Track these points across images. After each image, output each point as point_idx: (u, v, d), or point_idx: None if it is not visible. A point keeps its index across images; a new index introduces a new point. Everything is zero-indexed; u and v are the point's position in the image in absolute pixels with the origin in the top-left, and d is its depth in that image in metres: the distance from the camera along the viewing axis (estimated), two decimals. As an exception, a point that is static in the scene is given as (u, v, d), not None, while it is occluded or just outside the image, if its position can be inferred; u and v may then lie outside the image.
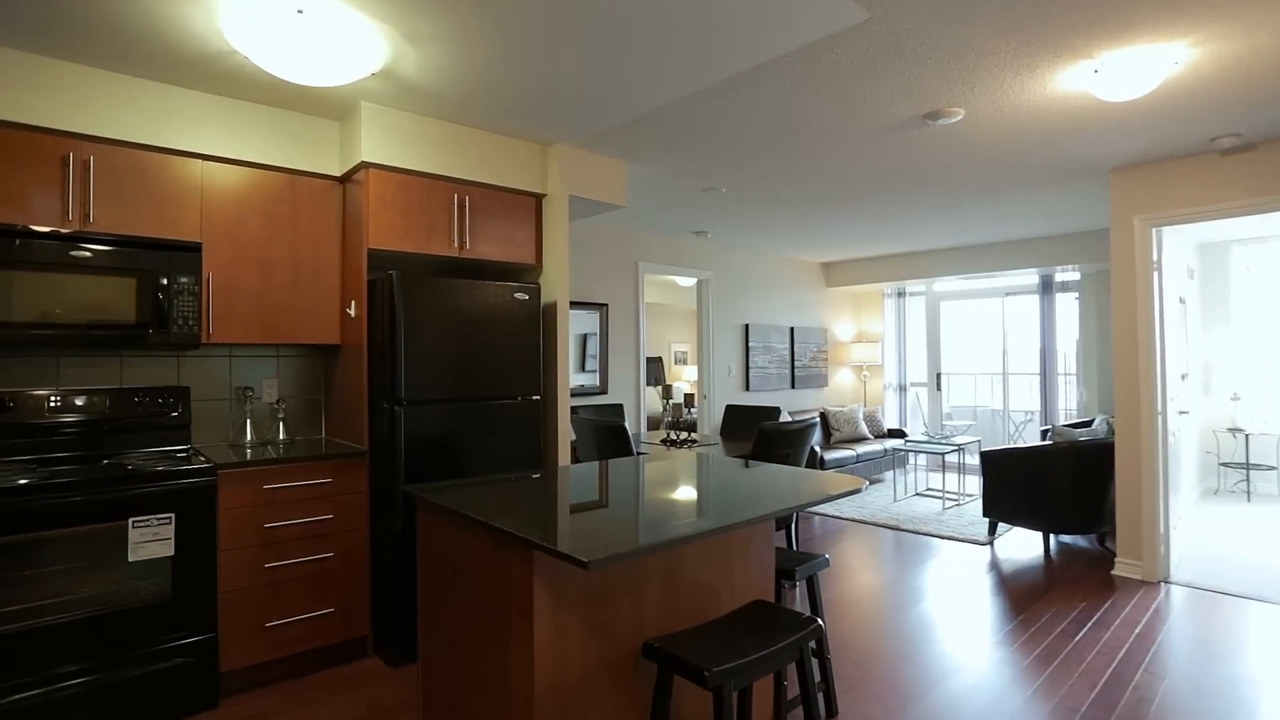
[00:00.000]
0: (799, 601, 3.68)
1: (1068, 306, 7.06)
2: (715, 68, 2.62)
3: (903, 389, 8.45)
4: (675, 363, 11.34)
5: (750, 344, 7.06)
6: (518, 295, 3.31)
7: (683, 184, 4.40)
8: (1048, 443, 4.49)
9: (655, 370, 10.85)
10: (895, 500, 6.21)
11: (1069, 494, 4.31)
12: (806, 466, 6.19)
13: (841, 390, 8.44)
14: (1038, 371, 7.28)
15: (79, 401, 2.77)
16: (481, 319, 3.17)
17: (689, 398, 4.41)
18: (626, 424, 5.14)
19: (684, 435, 4.56)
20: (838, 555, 4.53)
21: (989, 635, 3.21)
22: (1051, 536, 4.81)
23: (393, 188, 3.08)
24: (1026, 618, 3.41)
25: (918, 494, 6.49)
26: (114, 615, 2.37)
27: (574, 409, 4.85)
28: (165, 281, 2.70)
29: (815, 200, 4.88)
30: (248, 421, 3.17)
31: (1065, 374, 7.09)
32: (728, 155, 3.79)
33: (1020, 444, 5.08)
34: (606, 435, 3.86)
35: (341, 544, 2.92)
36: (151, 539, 2.44)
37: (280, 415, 3.27)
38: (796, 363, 7.65)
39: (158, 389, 2.95)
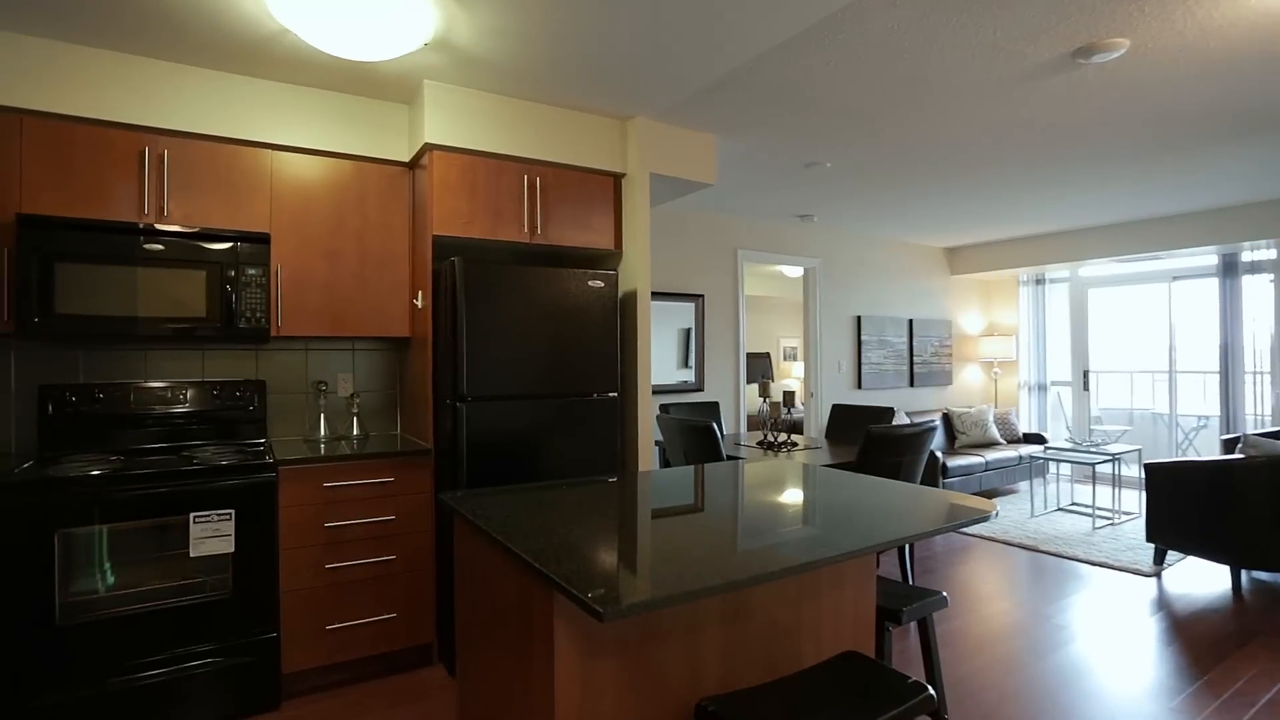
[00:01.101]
0: (908, 650, 3.17)
1: (1259, 291, 5.88)
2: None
3: (1041, 388, 7.46)
4: (784, 359, 10.77)
5: (863, 338, 6.45)
6: (592, 283, 3.04)
7: (781, 160, 3.97)
8: (1237, 455, 3.65)
9: (762, 366, 10.34)
10: (1033, 515, 5.42)
11: (1269, 520, 3.47)
12: (926, 474, 5.54)
13: (968, 389, 7.58)
14: (1216, 369, 6.13)
15: (161, 394, 2.81)
16: (552, 309, 2.93)
17: (789, 396, 3.96)
18: (722, 424, 4.78)
19: (783, 438, 4.13)
20: (961, 579, 3.93)
21: (1161, 699, 2.57)
22: (1243, 572, 3.94)
23: (457, 170, 2.90)
24: (1214, 679, 2.71)
25: (1060, 509, 5.64)
26: (178, 610, 2.34)
27: (664, 407, 4.55)
28: (233, 274, 2.67)
29: (936, 173, 4.27)
30: (321, 416, 3.12)
31: (1256, 372, 5.91)
32: (830, 122, 3.33)
33: (1193, 455, 4.21)
34: (693, 437, 3.53)
35: (404, 546, 2.78)
36: (212, 534, 2.39)
37: (354, 410, 3.21)
38: (916, 358, 6.92)
39: (235, 383, 2.95)
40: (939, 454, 5.52)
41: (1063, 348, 7.39)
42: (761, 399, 4.06)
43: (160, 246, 2.56)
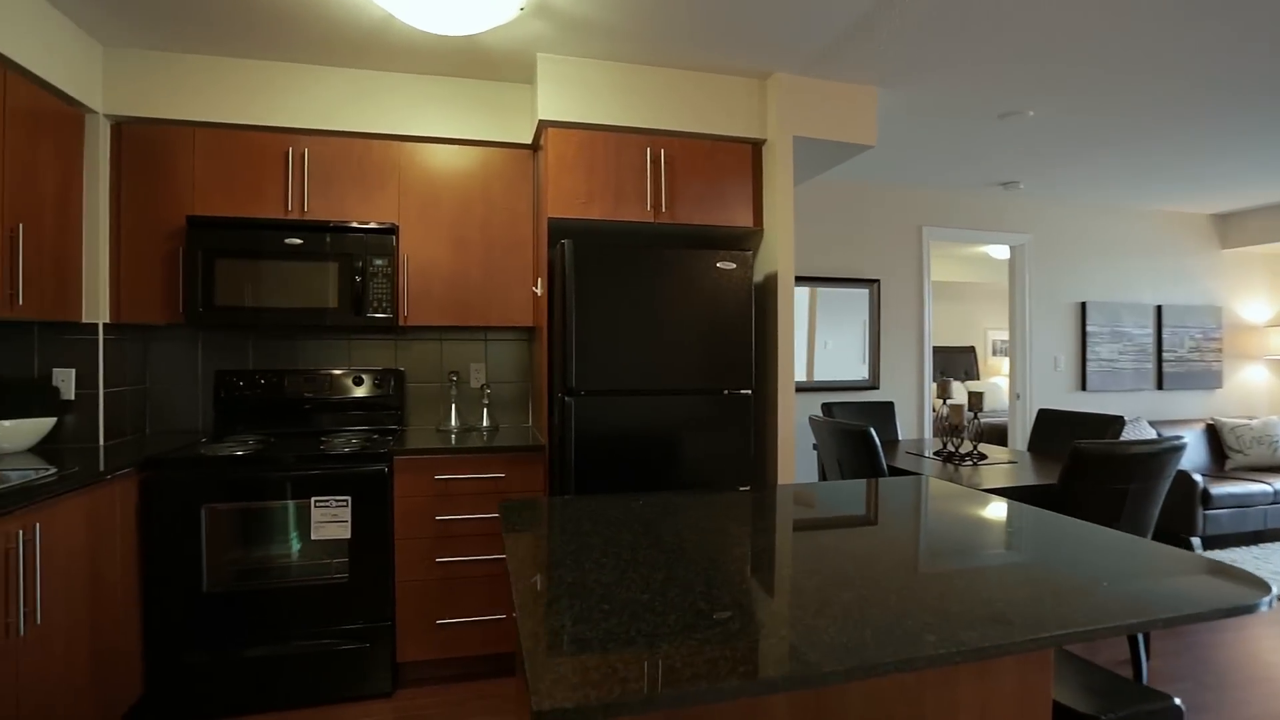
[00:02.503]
0: None
1: None
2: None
3: (1368, 397, 5.57)
4: (993, 354, 9.40)
5: (1088, 329, 5.27)
6: (722, 265, 2.68)
7: (968, 111, 3.26)
8: None
9: (963, 363, 9.11)
10: (1348, 569, 4.00)
11: None
12: (1178, 506, 4.35)
13: (1247, 394, 5.91)
14: None
15: (310, 381, 2.97)
16: (675, 295, 2.62)
17: (976, 398, 3.26)
18: (897, 428, 4.12)
19: (965, 447, 3.42)
20: (1231, 662, 2.95)
21: None
22: None
23: (574, 147, 2.70)
24: None
25: (1397, 563, 4.11)
26: (302, 589, 2.42)
27: (827, 406, 4.02)
28: (361, 264, 2.72)
29: (1199, 110, 3.24)
30: (453, 407, 3.13)
31: None
32: (1032, 53, 2.61)
33: None
34: (847, 443, 3.01)
35: (516, 545, 2.65)
36: (331, 519, 2.44)
37: (484, 402, 3.17)
38: (1166, 354, 5.52)
39: (375, 372, 3.04)
40: (1199, 477, 4.31)
41: (1404, 342, 5.45)
42: (939, 401, 3.39)
43: (299, 240, 2.68)
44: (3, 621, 1.67)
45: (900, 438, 4.21)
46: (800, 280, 4.50)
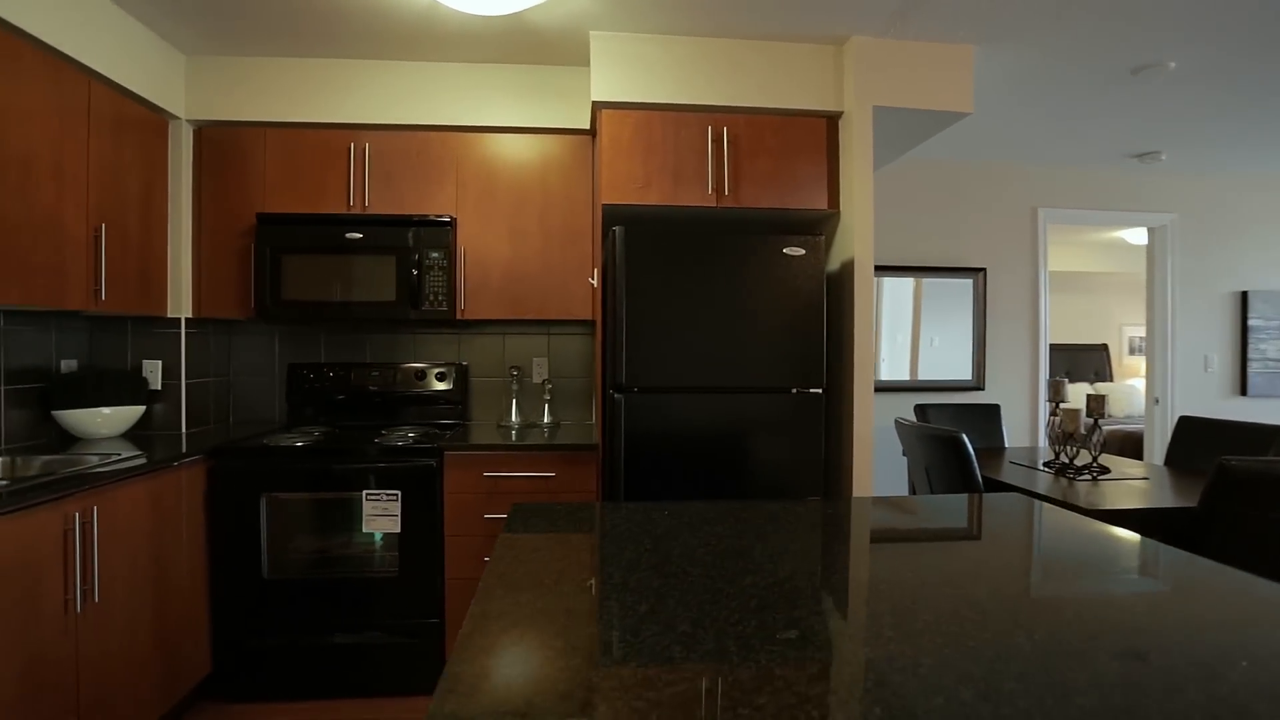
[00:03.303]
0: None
1: None
2: None
3: None
4: (1129, 352, 8.40)
5: (1249, 323, 4.51)
6: (789, 251, 2.45)
7: (1090, 68, 2.82)
8: None
9: (1094, 362, 8.19)
10: None
11: None
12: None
13: None
14: None
15: (375, 374, 3.01)
16: (736, 284, 2.42)
17: (1096, 402, 2.81)
18: (1003, 434, 3.67)
19: (1082, 459, 2.97)
20: None
21: None
22: None
23: (629, 129, 2.55)
24: None
25: None
26: (356, 581, 2.43)
27: (921, 408, 3.64)
28: (417, 257, 2.71)
29: (1396, 51, 2.62)
30: (514, 402, 3.07)
31: None
32: (1165, -12, 2.19)
33: None
34: (936, 450, 2.68)
35: (567, 547, 2.55)
36: (381, 513, 2.44)
37: (545, 397, 3.10)
38: (1355, 354, 4.63)
39: (438, 365, 3.04)
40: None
41: None
42: (1052, 404, 2.95)
43: (359, 235, 2.70)
44: (61, 598, 1.75)
45: (1007, 445, 3.75)
46: (898, 270, 4.12)
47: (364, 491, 2.43)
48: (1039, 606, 0.94)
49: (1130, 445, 5.66)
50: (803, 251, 2.46)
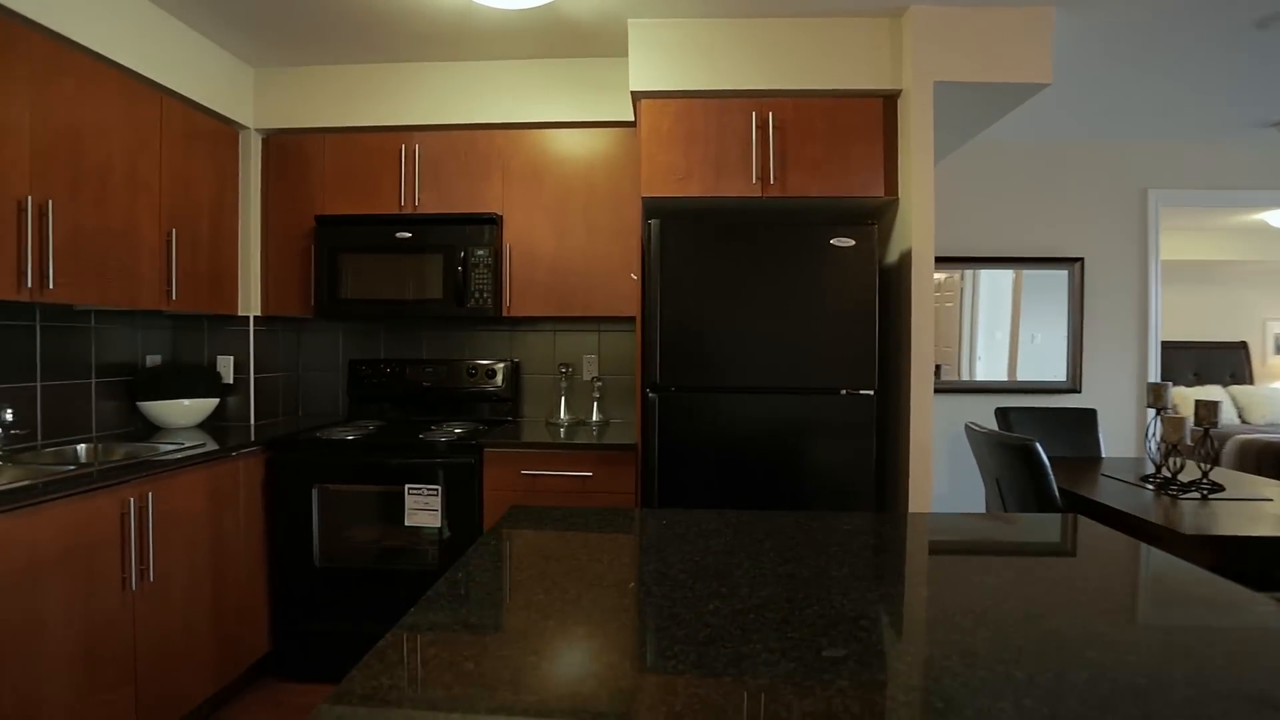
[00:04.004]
0: None
1: None
2: None
3: None
4: (1276, 351, 7.43)
5: None
6: (836, 243, 2.29)
7: (1202, 22, 2.46)
8: None
9: (1230, 362, 7.28)
10: None
11: None
12: None
13: None
14: None
15: (428, 370, 3.08)
16: (777, 278, 2.29)
17: (1207, 409, 2.46)
18: (1100, 442, 3.29)
19: (1189, 472, 2.60)
20: None
21: None
22: None
23: (670, 118, 2.47)
24: None
25: None
26: (398, 574, 2.49)
27: (1002, 411, 3.33)
28: (462, 255, 2.74)
29: None
30: (562, 399, 3.06)
31: None
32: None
33: None
34: (1006, 459, 2.43)
35: (604, 548, 2.50)
36: (422, 508, 2.48)
37: (594, 395, 3.07)
38: None
39: (489, 362, 3.08)
40: None
41: None
42: (1153, 410, 2.61)
43: (408, 234, 2.76)
44: (119, 576, 1.88)
45: (1104, 455, 3.37)
46: (993, 262, 3.80)
47: (406, 485, 2.49)
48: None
49: (1271, 457, 4.96)
50: (852, 242, 2.29)
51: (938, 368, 3.88)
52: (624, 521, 1.39)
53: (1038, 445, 2.27)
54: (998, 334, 3.84)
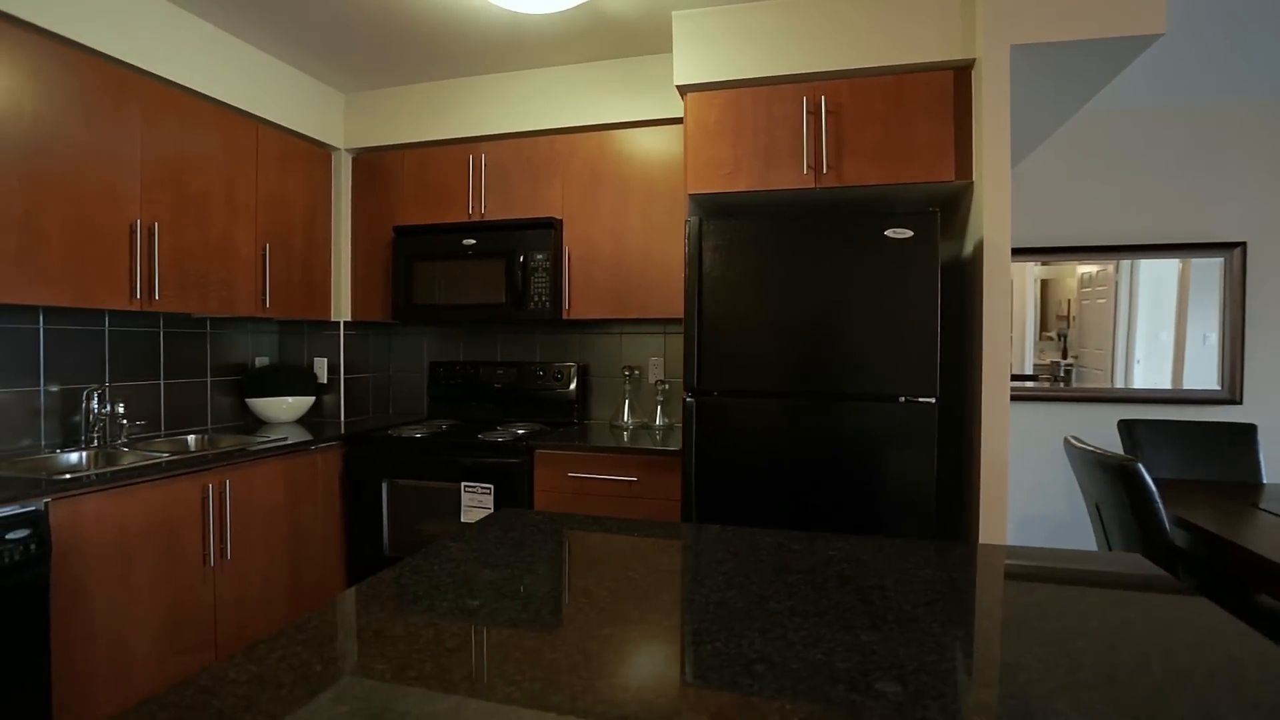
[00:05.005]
0: None
1: None
2: None
3: None
4: None
5: None
6: (891, 234, 2.09)
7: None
8: None
9: None
10: None
11: None
12: None
13: None
14: None
15: (500, 372, 3.19)
16: (825, 275, 2.12)
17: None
18: (1260, 464, 2.72)
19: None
20: None
21: None
22: None
23: (716, 110, 2.38)
24: None
25: None
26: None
27: (1126, 424, 2.85)
28: (522, 259, 2.80)
29: None
30: (626, 402, 3.04)
31: None
32: None
33: None
34: (1105, 482, 2.07)
35: (649, 554, 2.45)
36: (476, 505, 2.57)
37: (659, 398, 3.02)
38: None
39: (557, 364, 3.13)
40: None
41: None
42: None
43: (474, 241, 2.88)
44: (200, 553, 2.11)
45: (1265, 480, 2.81)
46: (1144, 250, 3.32)
47: (462, 483, 2.59)
48: None
49: None
50: (910, 233, 2.07)
51: (1068, 371, 3.42)
52: (666, 531, 1.34)
53: (1139, 466, 1.92)
54: (1163, 335, 3.32)
